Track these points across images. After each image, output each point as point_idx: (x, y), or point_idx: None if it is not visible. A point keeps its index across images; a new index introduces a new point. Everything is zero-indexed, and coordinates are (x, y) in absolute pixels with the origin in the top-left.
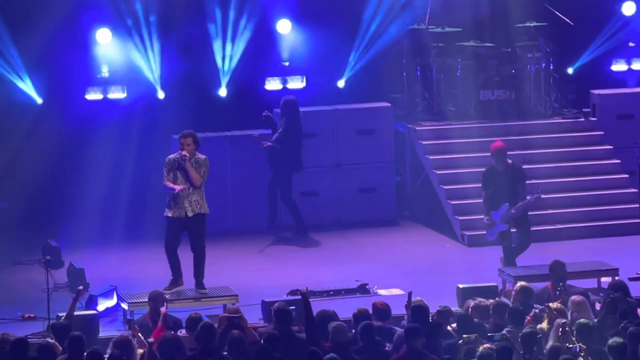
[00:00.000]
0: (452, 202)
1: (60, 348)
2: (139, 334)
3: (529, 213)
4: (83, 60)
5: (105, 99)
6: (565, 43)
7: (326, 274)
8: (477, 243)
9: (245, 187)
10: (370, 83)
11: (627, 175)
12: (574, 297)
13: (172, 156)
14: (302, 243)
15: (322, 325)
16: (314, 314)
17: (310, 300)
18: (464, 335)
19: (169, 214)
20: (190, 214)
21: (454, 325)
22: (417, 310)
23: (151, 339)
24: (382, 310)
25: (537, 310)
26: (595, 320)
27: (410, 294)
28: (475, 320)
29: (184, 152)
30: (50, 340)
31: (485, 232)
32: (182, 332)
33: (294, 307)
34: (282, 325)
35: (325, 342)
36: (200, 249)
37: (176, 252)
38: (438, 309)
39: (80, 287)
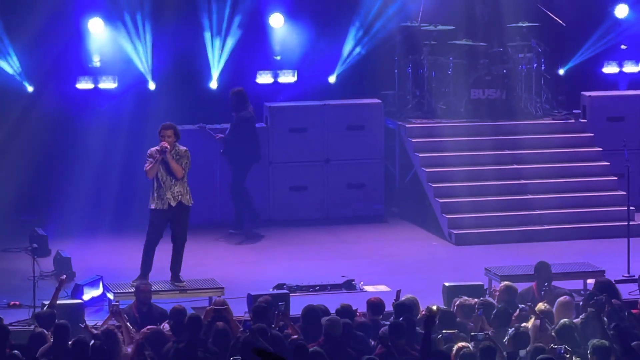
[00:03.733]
0: (440, 200)
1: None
2: (128, 324)
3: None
4: (74, 49)
5: (96, 89)
6: (557, 44)
7: (313, 268)
8: (464, 241)
9: None
10: (361, 79)
11: (615, 178)
12: (560, 298)
13: (153, 149)
14: (289, 237)
15: (312, 320)
16: (301, 309)
17: (295, 295)
18: (443, 331)
19: (153, 206)
20: (173, 204)
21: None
22: (400, 307)
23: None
24: (376, 304)
25: (520, 309)
26: (577, 320)
27: (398, 292)
28: (457, 319)
29: (164, 144)
30: (43, 330)
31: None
32: (165, 326)
33: (283, 303)
34: (260, 322)
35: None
36: (182, 240)
37: (155, 248)
38: (428, 307)
39: (63, 277)
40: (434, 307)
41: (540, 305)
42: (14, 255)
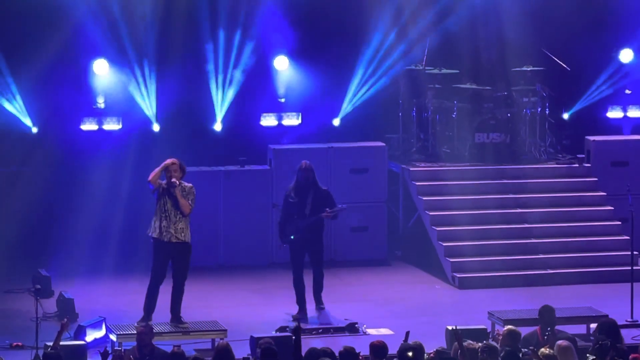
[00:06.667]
0: (444, 244)
1: None
2: None
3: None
4: (79, 90)
5: (100, 130)
6: (561, 88)
7: (316, 311)
8: (468, 285)
9: (238, 221)
10: (366, 122)
11: (619, 222)
12: (560, 342)
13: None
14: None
15: None
16: (304, 352)
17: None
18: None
19: (154, 235)
20: (174, 240)
21: None
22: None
23: None
24: (379, 347)
25: (523, 354)
26: None
27: (407, 334)
28: None
29: (173, 179)
30: None
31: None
32: None
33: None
34: None
35: None
36: (182, 280)
37: (159, 287)
38: (438, 349)
39: (65, 320)
40: (410, 354)
41: (544, 350)
42: (17, 296)
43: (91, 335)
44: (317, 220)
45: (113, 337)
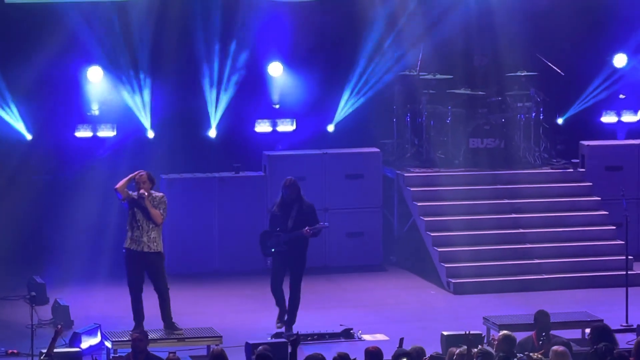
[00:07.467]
0: (439, 249)
1: None
2: None
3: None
4: (73, 97)
5: (94, 137)
6: (555, 93)
7: (311, 317)
8: (463, 290)
9: (233, 228)
10: (360, 128)
11: (614, 227)
12: (555, 347)
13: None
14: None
15: None
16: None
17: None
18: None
19: (126, 245)
20: (146, 250)
21: None
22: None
23: None
24: (374, 353)
25: (518, 359)
26: None
27: (401, 340)
28: None
29: (142, 191)
30: None
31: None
32: None
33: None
34: None
35: None
36: (163, 288)
37: (141, 294)
38: (432, 354)
39: (59, 326)
40: None
41: (533, 355)
42: (12, 303)
43: (86, 342)
44: (298, 235)
45: (108, 343)
